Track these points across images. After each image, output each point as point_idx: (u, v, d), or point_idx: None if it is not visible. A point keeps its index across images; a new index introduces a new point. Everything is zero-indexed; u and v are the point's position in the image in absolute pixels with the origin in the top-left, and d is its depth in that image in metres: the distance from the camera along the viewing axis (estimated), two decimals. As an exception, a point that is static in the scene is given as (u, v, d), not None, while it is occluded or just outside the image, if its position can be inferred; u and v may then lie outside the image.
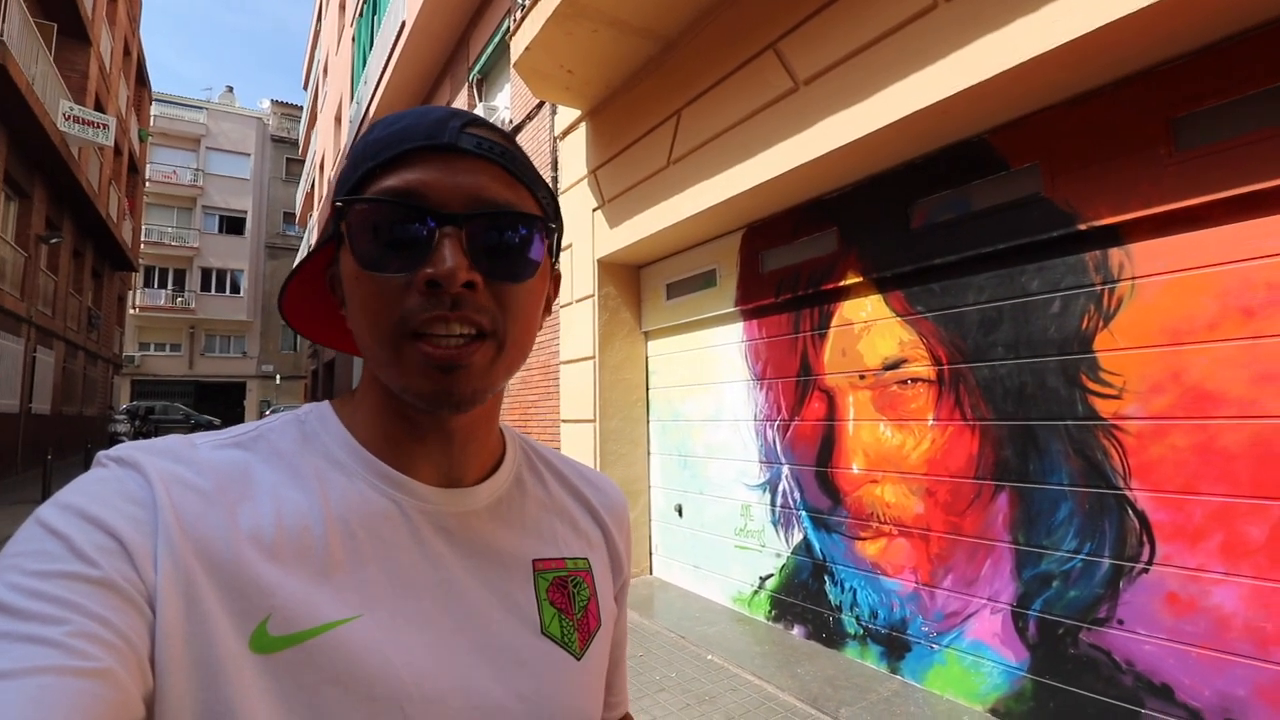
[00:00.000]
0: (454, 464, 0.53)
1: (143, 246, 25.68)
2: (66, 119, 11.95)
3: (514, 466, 0.59)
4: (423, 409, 0.48)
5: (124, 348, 24.03)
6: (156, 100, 28.35)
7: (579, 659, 0.54)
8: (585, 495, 0.64)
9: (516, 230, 0.47)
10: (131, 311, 26.55)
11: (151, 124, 26.30)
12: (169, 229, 29.52)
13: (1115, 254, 2.45)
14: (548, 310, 0.56)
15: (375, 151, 0.47)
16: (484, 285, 0.46)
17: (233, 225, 31.12)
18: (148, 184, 26.41)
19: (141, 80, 22.63)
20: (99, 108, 15.67)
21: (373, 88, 10.83)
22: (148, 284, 28.76)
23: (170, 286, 29.52)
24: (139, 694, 0.35)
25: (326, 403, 0.54)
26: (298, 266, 0.55)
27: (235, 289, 30.53)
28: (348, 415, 0.53)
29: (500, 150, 0.48)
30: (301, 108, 30.32)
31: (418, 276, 0.44)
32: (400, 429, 0.51)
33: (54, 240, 13.37)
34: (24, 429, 12.37)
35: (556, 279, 0.58)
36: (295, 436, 0.50)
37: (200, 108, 31.72)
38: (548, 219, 0.51)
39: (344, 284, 0.49)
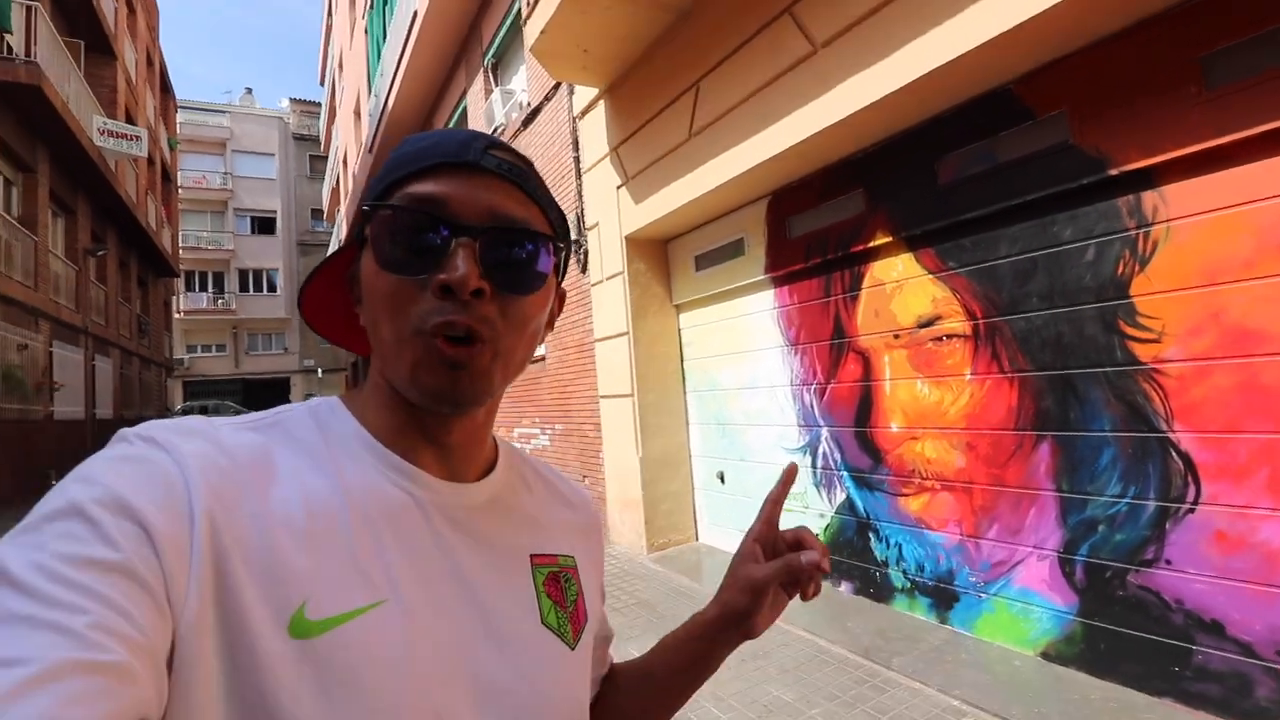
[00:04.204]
0: (457, 461, 0.56)
1: (181, 252, 26.45)
2: (101, 133, 12.32)
3: (506, 470, 0.62)
4: (424, 405, 0.50)
5: (173, 351, 24.93)
6: (181, 107, 28.91)
7: (573, 649, 0.57)
8: (568, 499, 0.68)
9: (526, 245, 0.51)
10: (177, 316, 27.47)
11: (178, 131, 26.88)
12: (204, 233, 30.30)
13: (1148, 197, 2.43)
14: (550, 326, 0.59)
15: (403, 163, 0.50)
16: (491, 294, 0.48)
17: (264, 225, 31.78)
18: (180, 191, 27.07)
19: (165, 89, 23.07)
20: (129, 120, 16.09)
21: (389, 79, 10.91)
22: (189, 288, 29.68)
23: (211, 289, 30.44)
24: (154, 689, 0.35)
25: (336, 396, 0.56)
26: (319, 267, 0.58)
27: (272, 288, 31.31)
28: (358, 409, 0.54)
29: (518, 172, 0.51)
30: (320, 104, 30.60)
31: (432, 281, 0.47)
32: (409, 424, 0.53)
33: (100, 252, 13.90)
34: (90, 434, 13.03)
35: (561, 297, 0.61)
36: (311, 426, 0.52)
37: (223, 111, 32.25)
38: (557, 238, 0.54)
39: (363, 283, 0.52)
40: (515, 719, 0.50)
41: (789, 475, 0.68)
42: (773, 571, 0.61)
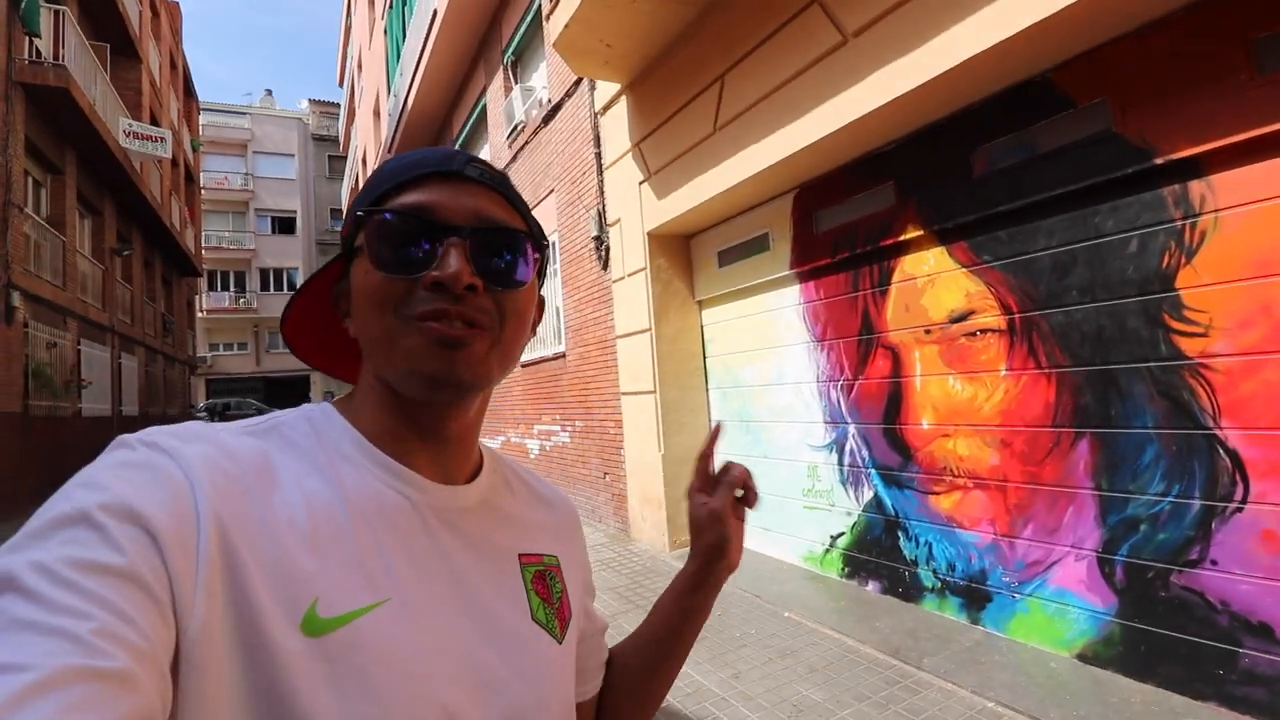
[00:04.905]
0: (450, 462, 0.57)
1: (204, 252, 26.82)
2: (127, 135, 12.52)
3: (490, 473, 0.64)
4: (422, 392, 0.51)
5: (196, 349, 25.30)
6: (203, 109, 29.31)
7: (560, 643, 0.60)
8: (548, 500, 0.70)
9: (512, 244, 0.54)
10: (200, 315, 27.89)
11: (201, 133, 27.25)
12: (226, 233, 30.76)
13: (1195, 187, 2.36)
14: (533, 330, 0.60)
15: (391, 176, 0.53)
16: (484, 290, 0.51)
17: (284, 225, 32.19)
18: (203, 191, 27.44)
19: (189, 91, 23.40)
20: (154, 121, 16.34)
21: (409, 79, 10.97)
22: (211, 288, 30.13)
23: (232, 288, 30.90)
24: (157, 696, 0.35)
25: (328, 403, 0.57)
26: (300, 289, 0.60)
27: (292, 286, 31.63)
28: (351, 414, 0.56)
29: (500, 180, 0.55)
30: (339, 105, 30.89)
31: (425, 278, 0.50)
32: (404, 426, 0.55)
33: (126, 252, 14.14)
34: (116, 431, 13.22)
35: (540, 304, 0.63)
36: (306, 431, 0.53)
37: (244, 113, 32.69)
38: (536, 241, 0.57)
39: (354, 289, 0.54)
40: (513, 712, 0.52)
41: (715, 433, 0.75)
42: (721, 495, 0.72)
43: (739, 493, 0.73)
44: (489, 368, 0.53)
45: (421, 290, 0.50)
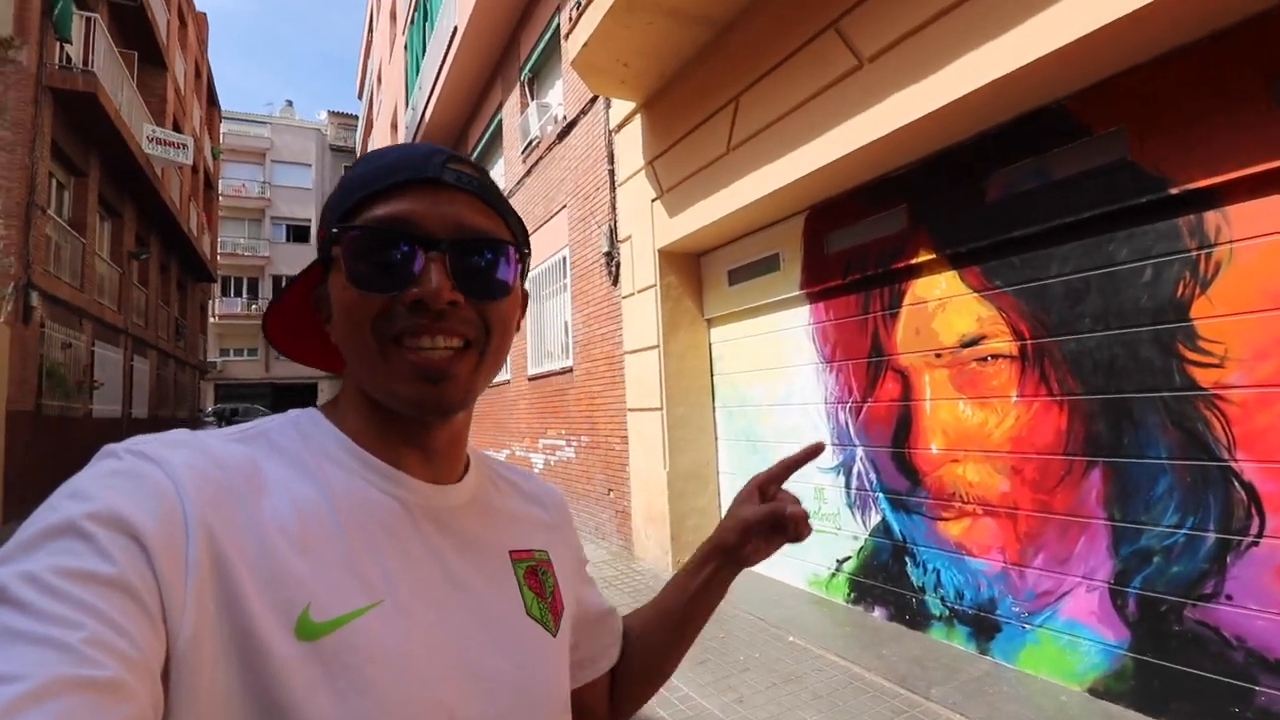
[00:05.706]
0: (439, 464, 0.57)
1: (219, 258, 27.12)
2: (150, 141, 12.73)
3: (477, 471, 0.64)
4: (410, 415, 0.52)
5: (207, 354, 25.51)
6: (224, 118, 29.80)
7: (554, 637, 0.60)
8: (535, 494, 0.71)
9: (493, 254, 0.53)
10: (212, 320, 28.16)
11: (221, 141, 27.68)
12: (241, 240, 31.15)
13: (1211, 217, 2.35)
14: (517, 328, 0.60)
15: (365, 182, 0.51)
16: (466, 303, 0.51)
17: (299, 234, 32.57)
18: (221, 198, 27.81)
19: (211, 100, 23.81)
20: (176, 128, 16.62)
21: (427, 93, 11.13)
22: (225, 293, 30.48)
23: (245, 295, 31.22)
24: (149, 704, 0.35)
25: (314, 408, 0.57)
26: (283, 291, 0.60)
27: (305, 294, 31.95)
28: (338, 418, 0.56)
29: (478, 183, 0.53)
30: (357, 117, 31.35)
31: (405, 296, 0.49)
32: (390, 430, 0.54)
33: (143, 256, 14.32)
34: (125, 433, 13.28)
35: (524, 299, 0.62)
36: (294, 436, 0.53)
37: (264, 122, 33.24)
38: (519, 244, 0.56)
39: (333, 301, 0.53)
40: (512, 705, 0.52)
41: (815, 450, 0.74)
42: (760, 514, 0.71)
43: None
44: (474, 387, 0.53)
45: (401, 307, 0.49)
